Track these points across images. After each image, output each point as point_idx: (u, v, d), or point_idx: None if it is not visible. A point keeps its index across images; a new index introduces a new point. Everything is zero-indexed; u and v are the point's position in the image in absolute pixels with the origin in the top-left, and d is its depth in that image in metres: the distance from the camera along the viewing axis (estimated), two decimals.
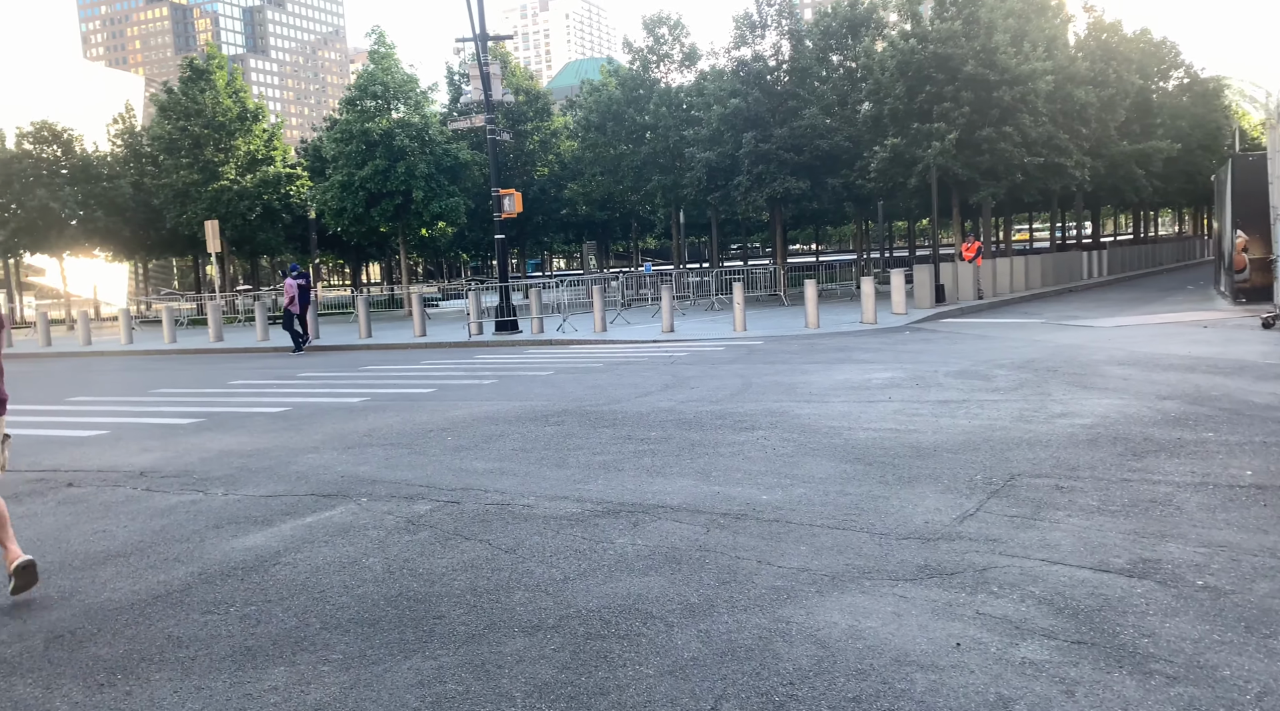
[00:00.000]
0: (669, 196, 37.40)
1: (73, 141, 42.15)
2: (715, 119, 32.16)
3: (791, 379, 12.62)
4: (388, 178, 34.86)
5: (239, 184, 39.04)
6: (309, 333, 23.06)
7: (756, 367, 14.12)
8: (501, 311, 22.77)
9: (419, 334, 23.42)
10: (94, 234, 41.62)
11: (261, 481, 7.89)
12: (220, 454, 9.24)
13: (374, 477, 7.80)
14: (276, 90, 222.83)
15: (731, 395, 11.45)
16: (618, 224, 54.78)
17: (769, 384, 12.25)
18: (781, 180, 29.92)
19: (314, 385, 15.03)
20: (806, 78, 31.95)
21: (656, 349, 18.19)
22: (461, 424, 10.28)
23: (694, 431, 9.11)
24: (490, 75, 22.17)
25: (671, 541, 5.62)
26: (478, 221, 45.46)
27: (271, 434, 10.31)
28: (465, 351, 20.30)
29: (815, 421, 9.29)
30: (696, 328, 22.04)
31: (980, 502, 6.11)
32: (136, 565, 5.71)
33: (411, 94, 36.40)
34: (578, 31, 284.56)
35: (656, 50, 37.95)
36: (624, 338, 20.46)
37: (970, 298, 25.25)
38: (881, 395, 10.76)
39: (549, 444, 8.86)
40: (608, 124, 37.34)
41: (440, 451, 8.79)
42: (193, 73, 39.42)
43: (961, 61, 27.78)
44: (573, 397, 11.95)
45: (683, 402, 11.00)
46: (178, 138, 38.71)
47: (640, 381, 13.22)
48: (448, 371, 16.10)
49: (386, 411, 11.61)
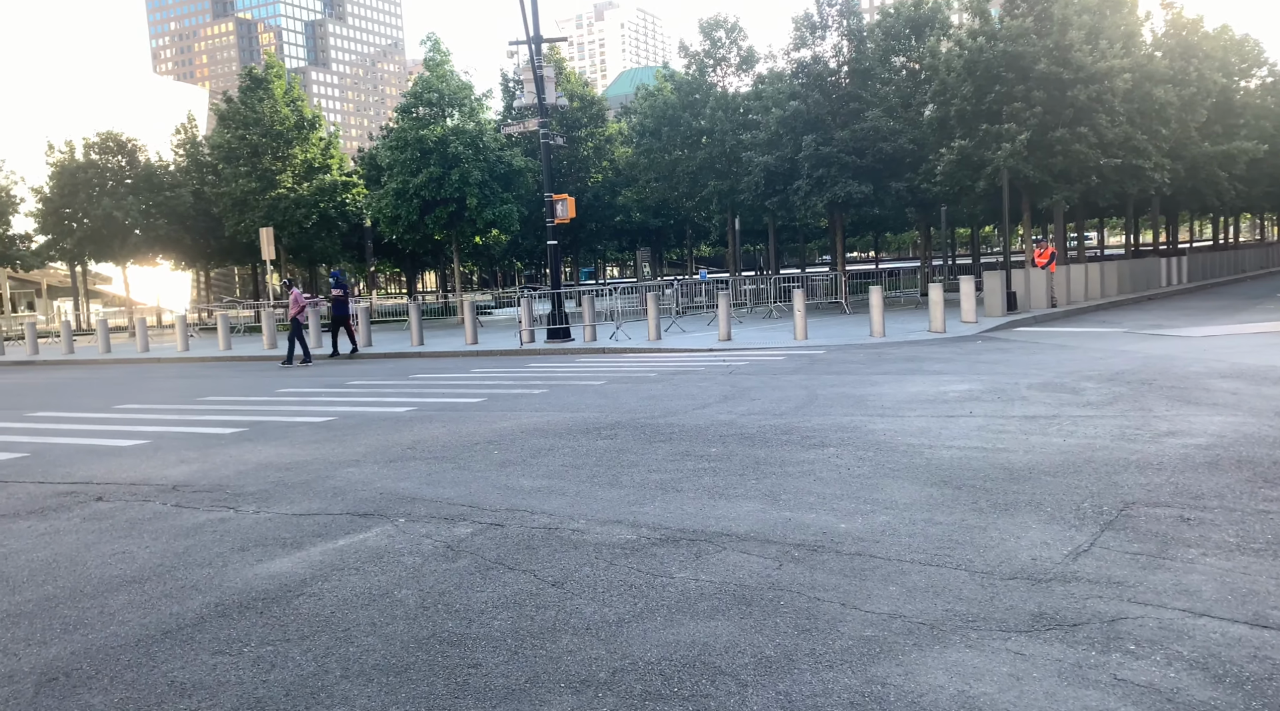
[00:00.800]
0: (725, 202, 36.65)
1: (137, 151, 42.96)
2: (774, 122, 31.36)
3: (860, 391, 11.84)
4: (442, 185, 34.75)
5: (296, 192, 39.31)
6: (355, 342, 22.62)
7: (821, 378, 13.36)
8: (554, 319, 22.29)
9: (470, 342, 23.05)
10: (156, 242, 42.32)
11: (296, 498, 7.40)
12: (258, 466, 8.81)
13: (414, 495, 7.25)
14: (337, 102, 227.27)
15: (796, 408, 10.73)
16: (672, 231, 54.17)
17: (836, 396, 11.50)
18: (843, 184, 28.98)
19: (362, 394, 14.66)
20: (868, 79, 30.99)
21: (713, 358, 17.51)
22: (509, 436, 9.73)
23: (758, 447, 8.42)
24: (544, 78, 21.75)
25: (739, 576, 4.95)
26: (531, 229, 45.27)
27: (313, 445, 9.87)
28: (516, 359, 19.85)
29: (891, 438, 8.53)
30: (754, 336, 21.30)
31: (1093, 536, 5.33)
32: (151, 593, 5.22)
33: (466, 101, 36.29)
34: (633, 41, 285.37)
35: (713, 54, 37.30)
36: (679, 346, 19.81)
37: (1043, 306, 24.08)
38: (961, 409, 9.94)
39: (601, 460, 8.25)
40: (663, 129, 36.75)
41: (486, 466, 8.23)
42: (251, 82, 39.88)
43: (1033, 60, 26.63)
44: (626, 409, 11.34)
45: (743, 415, 10.31)
46: (236, 146, 39.15)
47: (697, 392, 12.56)
48: (498, 380, 15.62)
49: (433, 422, 11.12)
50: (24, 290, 70.18)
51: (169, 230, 41.65)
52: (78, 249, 41.95)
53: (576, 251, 53.48)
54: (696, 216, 45.00)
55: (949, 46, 30.94)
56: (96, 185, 40.90)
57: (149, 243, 42.02)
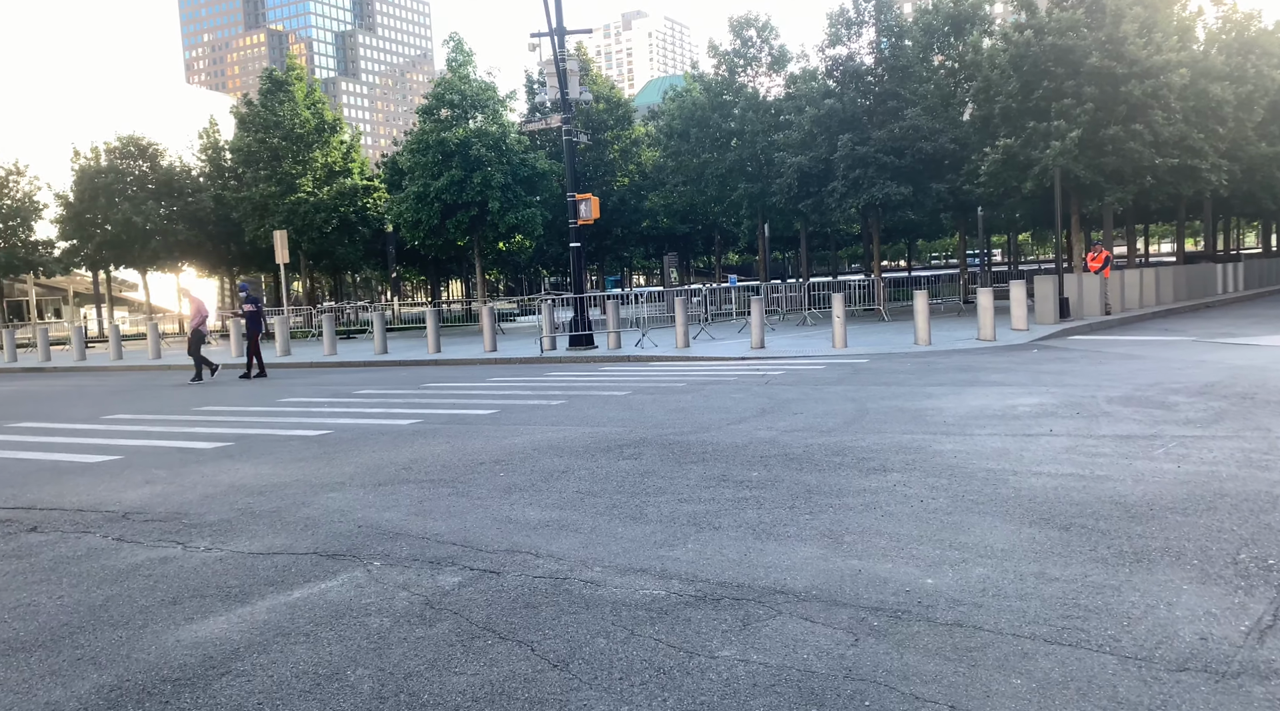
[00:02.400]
0: (755, 205, 35.33)
1: (158, 155, 42.40)
2: (807, 121, 30.03)
3: (915, 404, 10.53)
4: (463, 188, 33.75)
5: (315, 196, 38.50)
6: (261, 363, 19.83)
7: (868, 390, 12.05)
8: (576, 325, 21.12)
9: (489, 349, 21.94)
10: (175, 248, 41.69)
11: (260, 530, 6.23)
12: (228, 489, 7.67)
13: (398, 528, 6.07)
14: (366, 112, 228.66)
15: (845, 423, 9.45)
16: (699, 237, 52.90)
17: (889, 410, 10.20)
18: (880, 185, 27.58)
19: (367, 405, 13.54)
20: (907, 77, 29.61)
21: (746, 367, 16.24)
22: (519, 455, 8.53)
23: (807, 472, 7.16)
24: (567, 72, 20.64)
25: (803, 657, 3.70)
26: (556, 235, 44.20)
27: (298, 464, 8.73)
28: (536, 368, 18.68)
29: (964, 461, 7.24)
30: (789, 344, 20.00)
31: (1273, 604, 4.02)
32: (37, 667, 4.05)
33: (489, 102, 35.30)
34: (660, 50, 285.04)
35: (743, 54, 36.07)
36: (709, 354, 18.56)
37: (1096, 313, 22.58)
38: (1038, 426, 8.62)
39: (622, 485, 7.03)
40: (691, 131, 35.53)
41: (488, 492, 7.03)
42: (272, 84, 39.16)
43: (1084, 54, 25.16)
44: (652, 423, 10.11)
45: (786, 432, 9.05)
46: (256, 150, 38.43)
47: (731, 405, 11.30)
48: (514, 390, 14.46)
49: (437, 437, 9.96)
50: (51, 297, 70.24)
51: (189, 236, 41.00)
52: (98, 255, 41.40)
53: (602, 259, 52.30)
54: (725, 221, 43.69)
55: (991, 42, 29.55)
56: (117, 190, 40.36)
57: (168, 249, 41.40)
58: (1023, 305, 19.78)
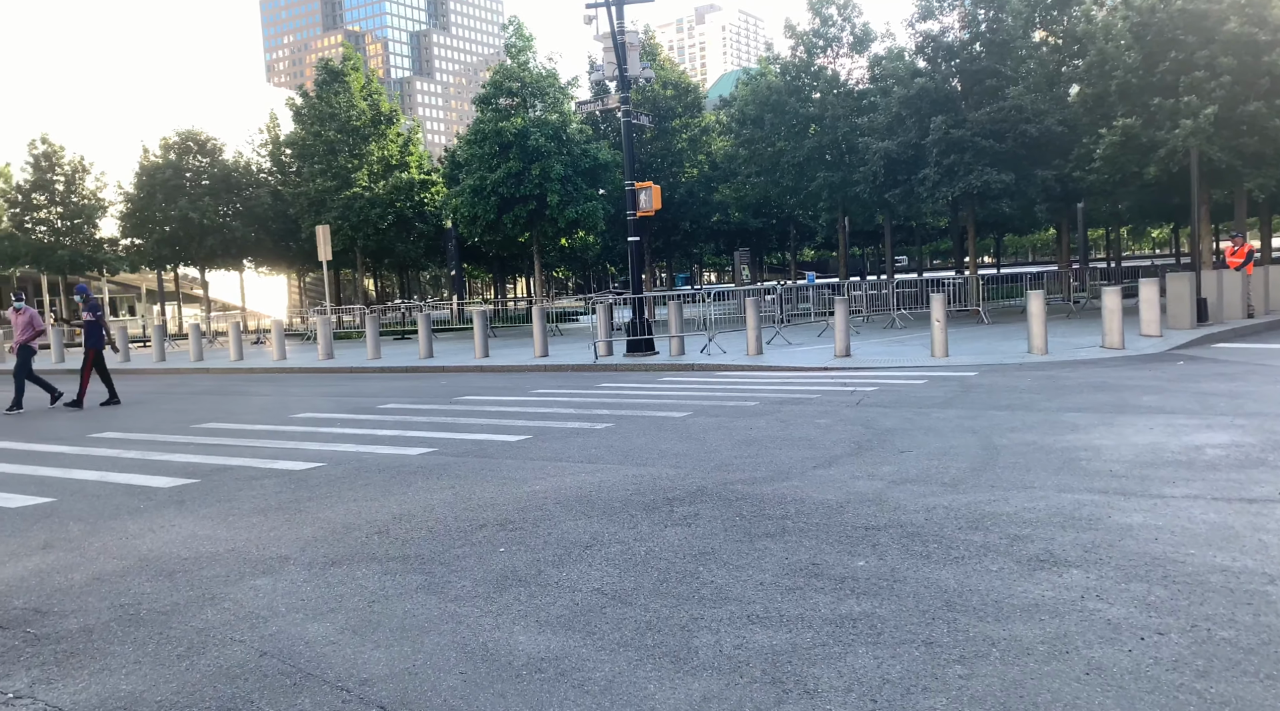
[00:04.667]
0: (835, 196, 32.59)
1: (217, 150, 41.64)
2: (895, 103, 27.26)
3: (1058, 439, 8.09)
4: (521, 181, 31.86)
5: (371, 191, 37.09)
6: (83, 390, 15.57)
7: (989, 416, 9.60)
8: (634, 328, 18.95)
9: (539, 354, 19.93)
10: (232, 245, 40.88)
11: (121, 656, 4.19)
12: (136, 565, 5.69)
13: (315, 661, 3.96)
14: (440, 112, 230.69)
15: (974, 470, 7.08)
16: (773, 232, 50.21)
17: (1025, 449, 7.77)
18: (979, 172, 24.70)
19: (382, 425, 11.58)
20: (1007, 53, 26.66)
21: (830, 380, 13.85)
22: (535, 512, 6.40)
23: (939, 561, 4.86)
24: (625, 46, 18.48)
25: None
26: (621, 230, 42.08)
27: (254, 519, 6.74)
28: (587, 377, 16.57)
29: (1175, 551, 4.84)
30: (879, 351, 17.49)
31: None
32: None
33: (549, 90, 33.35)
34: (734, 43, 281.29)
35: (823, 34, 33.36)
36: (785, 363, 16.19)
37: (1238, 316, 19.51)
38: (1256, 485, 6.14)
39: (666, 578, 4.83)
40: (766, 117, 32.96)
41: (472, 585, 4.90)
42: (327, 75, 37.91)
43: (1220, 19, 21.96)
44: (715, 462, 7.88)
45: (896, 484, 6.73)
46: (311, 143, 37.23)
47: (816, 435, 8.99)
48: (555, 407, 12.35)
49: (443, 476, 7.90)
50: (126, 294, 71.03)
51: (245, 233, 40.12)
52: (157, 253, 40.81)
53: (670, 255, 50.06)
54: (801, 215, 40.96)
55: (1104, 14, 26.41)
56: (175, 186, 39.67)
57: (225, 246, 40.59)
58: (1155, 307, 16.95)
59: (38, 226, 42.01)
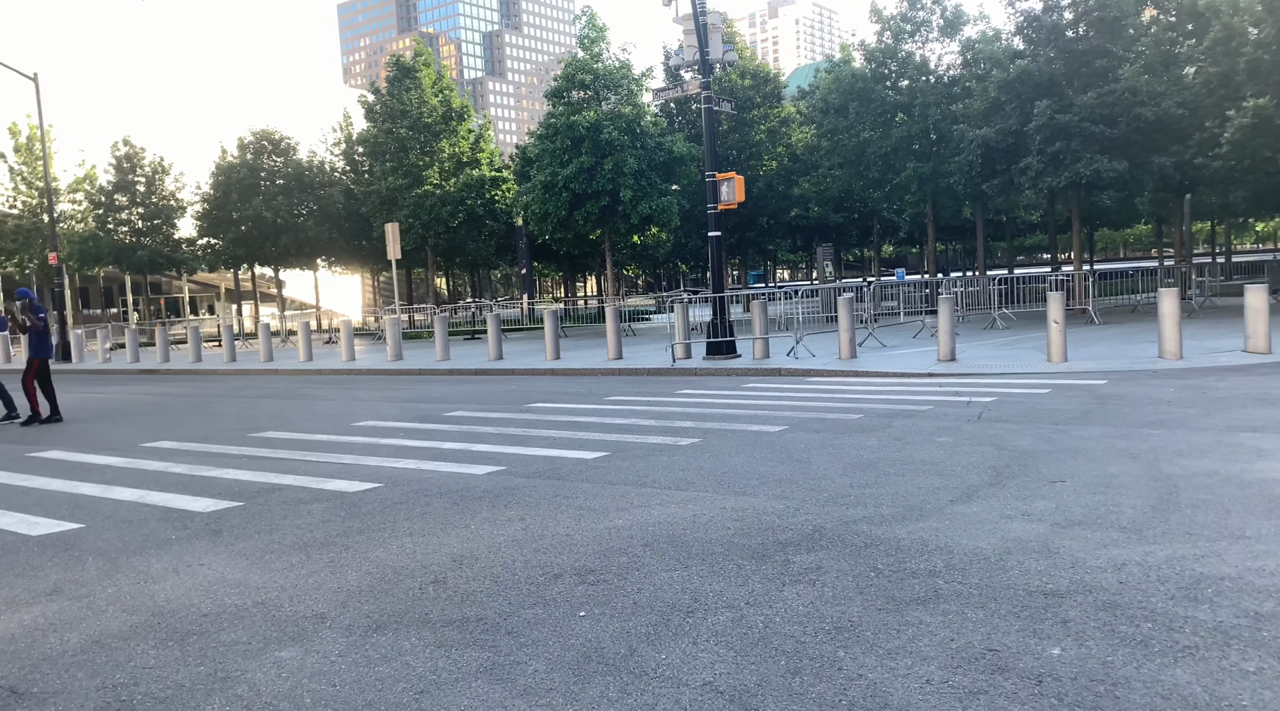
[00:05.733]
0: (925, 188, 30.80)
1: (291, 149, 41.72)
2: (994, 87, 25.40)
3: (1245, 468, 6.66)
4: (593, 176, 30.87)
5: (442, 188, 36.57)
6: (39, 401, 14.18)
7: (1142, 436, 8.17)
8: (715, 329, 17.75)
9: (613, 356, 18.88)
10: (305, 244, 40.88)
11: None
12: (147, 622, 4.72)
13: None
14: (512, 112, 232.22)
15: (1153, 509, 5.74)
16: (855, 227, 48.31)
17: (1207, 479, 6.38)
18: (1088, 160, 22.76)
19: (447, 436, 10.64)
20: (1117, 31, 24.63)
21: (938, 388, 12.46)
22: (618, 558, 5.29)
23: (1163, 655, 3.58)
24: (708, 27, 17.29)
25: None
26: (695, 226, 40.91)
27: (294, 557, 5.77)
28: (665, 383, 15.45)
29: None
30: (986, 355, 15.97)
31: None
32: None
33: (623, 82, 32.29)
34: (808, 37, 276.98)
35: (910, 17, 31.59)
36: (883, 368, 14.82)
37: None
38: None
39: (797, 668, 3.64)
40: (850, 105, 31.32)
41: (544, 669, 3.80)
42: (399, 72, 37.51)
43: None
44: (827, 491, 6.68)
45: (1060, 529, 5.43)
46: (383, 141, 36.87)
47: (941, 458, 7.70)
48: (634, 417, 11.26)
49: (512, 503, 6.87)
50: (205, 293, 72.50)
51: (318, 231, 40.07)
52: (232, 252, 41.06)
53: (744, 252, 48.54)
54: (886, 209, 39.11)
55: None
56: (249, 185, 39.81)
57: (299, 245, 40.63)
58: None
59: (119, 227, 42.69)
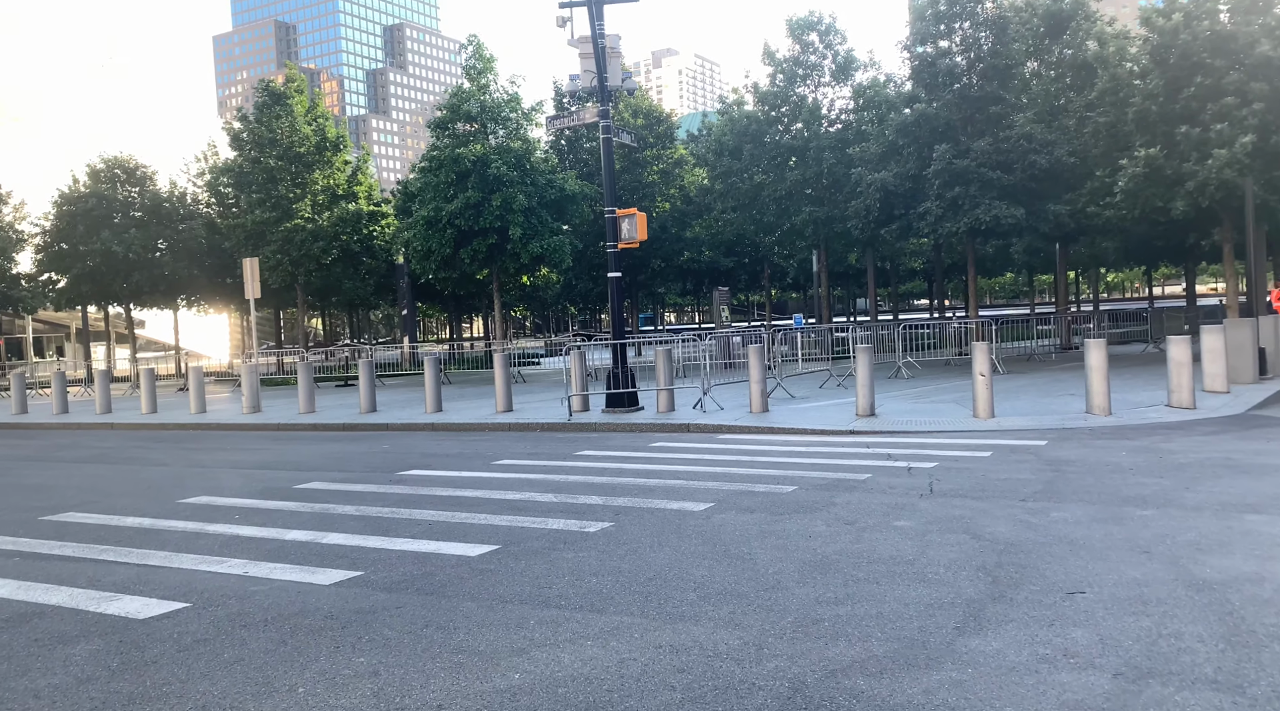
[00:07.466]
0: (820, 233, 30.24)
1: (147, 179, 38.20)
2: (891, 130, 25.03)
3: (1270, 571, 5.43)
4: (480, 212, 29.04)
5: (314, 222, 33.92)
6: None
7: (1134, 519, 6.94)
8: (616, 379, 16.13)
9: (502, 409, 17.02)
10: (161, 282, 37.31)
11: None
12: None
13: None
14: (397, 149, 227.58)
15: (1226, 642, 4.38)
16: (744, 271, 47.91)
17: (1259, 592, 5.10)
18: (987, 206, 22.47)
19: (291, 523, 8.60)
20: (1007, 78, 24.66)
21: (866, 449, 11.15)
22: None
23: None
24: (606, 51, 15.91)
25: None
26: (586, 268, 39.50)
27: None
28: (563, 440, 13.70)
29: None
30: (903, 409, 14.86)
31: None
32: None
33: (512, 115, 30.71)
34: (690, 87, 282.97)
35: (803, 61, 31.29)
36: (799, 424, 13.48)
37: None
38: None
39: None
40: (744, 147, 30.60)
41: None
42: (269, 98, 34.84)
43: (1250, 42, 20.11)
44: (791, 613, 5.09)
45: (1130, 684, 3.98)
46: (249, 171, 34.04)
47: (913, 553, 6.24)
48: (529, 490, 9.48)
49: (362, 643, 5.02)
50: (54, 334, 66.45)
51: (176, 268, 36.63)
52: (75, 290, 37.09)
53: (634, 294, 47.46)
54: (778, 253, 38.62)
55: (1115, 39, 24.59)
56: (98, 217, 36.12)
57: (154, 282, 37.01)
58: (1220, 358, 14.59)
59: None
